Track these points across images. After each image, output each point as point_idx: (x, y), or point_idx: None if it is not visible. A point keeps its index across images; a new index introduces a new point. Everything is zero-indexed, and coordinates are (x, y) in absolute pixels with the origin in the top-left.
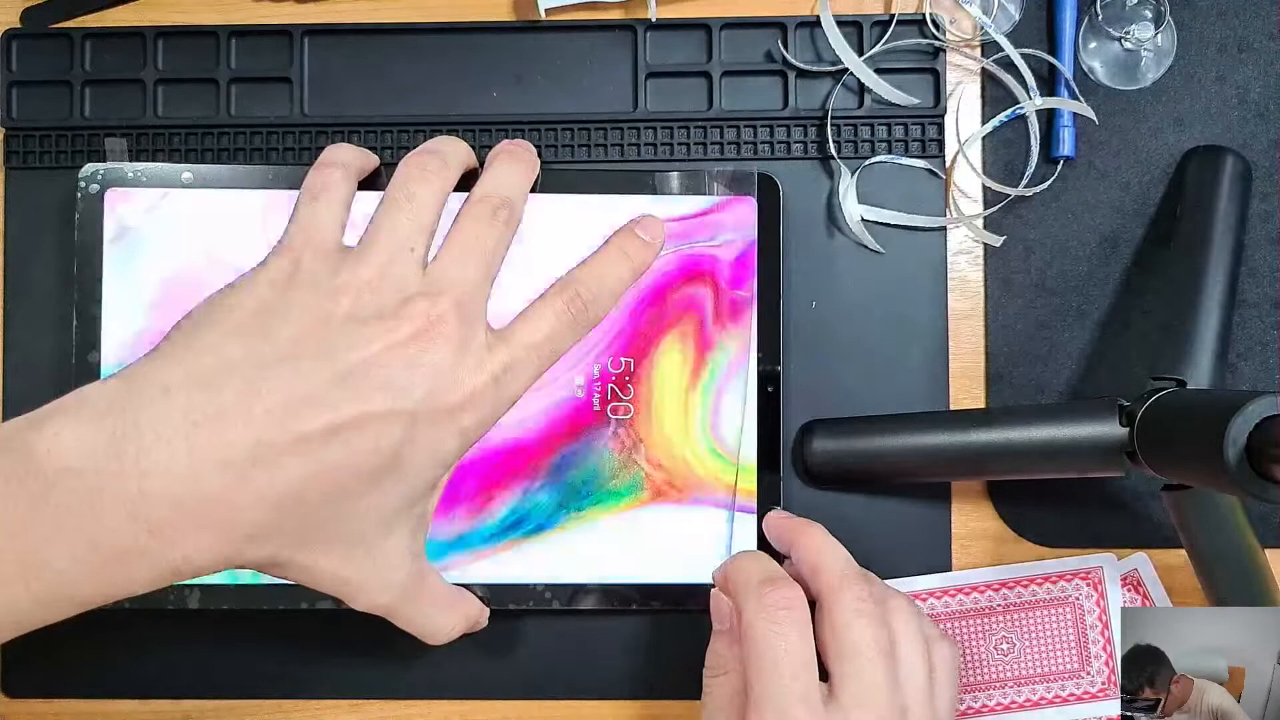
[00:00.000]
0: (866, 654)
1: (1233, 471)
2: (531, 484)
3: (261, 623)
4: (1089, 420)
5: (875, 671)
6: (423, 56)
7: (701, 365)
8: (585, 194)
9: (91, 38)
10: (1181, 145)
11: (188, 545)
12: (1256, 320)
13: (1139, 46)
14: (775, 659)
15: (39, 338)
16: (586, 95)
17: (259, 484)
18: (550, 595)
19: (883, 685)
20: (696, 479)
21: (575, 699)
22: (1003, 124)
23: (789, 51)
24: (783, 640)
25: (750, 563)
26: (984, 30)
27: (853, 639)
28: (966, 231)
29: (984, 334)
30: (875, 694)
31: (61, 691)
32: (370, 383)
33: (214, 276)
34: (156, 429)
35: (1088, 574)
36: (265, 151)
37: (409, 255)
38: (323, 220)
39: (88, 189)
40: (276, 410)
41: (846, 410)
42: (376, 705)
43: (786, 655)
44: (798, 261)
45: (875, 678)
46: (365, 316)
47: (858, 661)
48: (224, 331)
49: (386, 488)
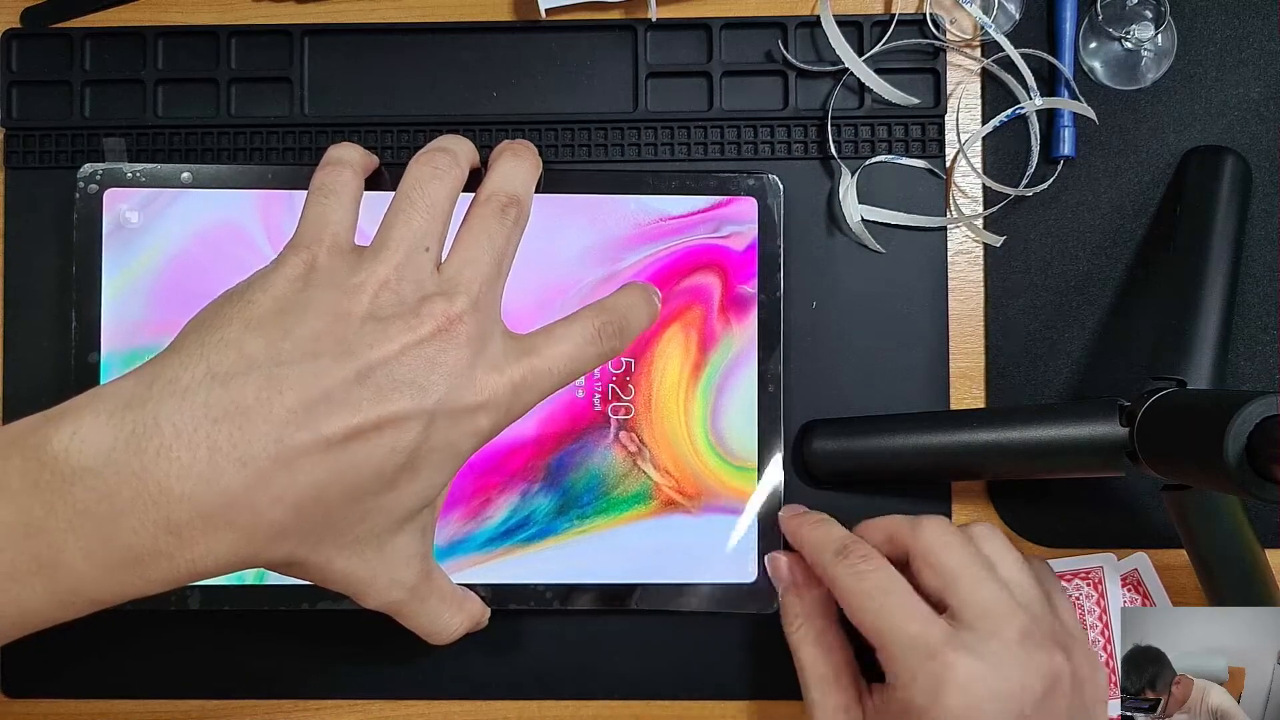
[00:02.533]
0: (972, 571)
1: (1233, 471)
2: (530, 486)
3: (262, 623)
4: (1089, 420)
5: (988, 585)
6: (423, 56)
7: (702, 364)
8: (585, 194)
9: (91, 38)
10: (1181, 145)
11: (207, 545)
12: (1256, 320)
13: (1139, 46)
14: (879, 594)
15: (39, 338)
16: (586, 95)
17: (280, 484)
18: (550, 595)
19: (1001, 596)
20: (706, 487)
21: (575, 699)
22: (1003, 124)
23: (789, 51)
24: (874, 577)
25: (820, 533)
26: (984, 30)
27: (951, 564)
28: (966, 231)
29: (984, 334)
30: (997, 604)
31: (61, 691)
32: (391, 382)
33: (213, 276)
34: (177, 426)
35: (1088, 574)
36: (265, 151)
37: (424, 254)
38: (335, 218)
39: (86, 189)
40: (298, 409)
41: (846, 410)
42: (377, 705)
43: (887, 589)
44: (798, 261)
45: (990, 590)
46: (384, 315)
47: (965, 581)
48: (243, 327)
49: (402, 486)
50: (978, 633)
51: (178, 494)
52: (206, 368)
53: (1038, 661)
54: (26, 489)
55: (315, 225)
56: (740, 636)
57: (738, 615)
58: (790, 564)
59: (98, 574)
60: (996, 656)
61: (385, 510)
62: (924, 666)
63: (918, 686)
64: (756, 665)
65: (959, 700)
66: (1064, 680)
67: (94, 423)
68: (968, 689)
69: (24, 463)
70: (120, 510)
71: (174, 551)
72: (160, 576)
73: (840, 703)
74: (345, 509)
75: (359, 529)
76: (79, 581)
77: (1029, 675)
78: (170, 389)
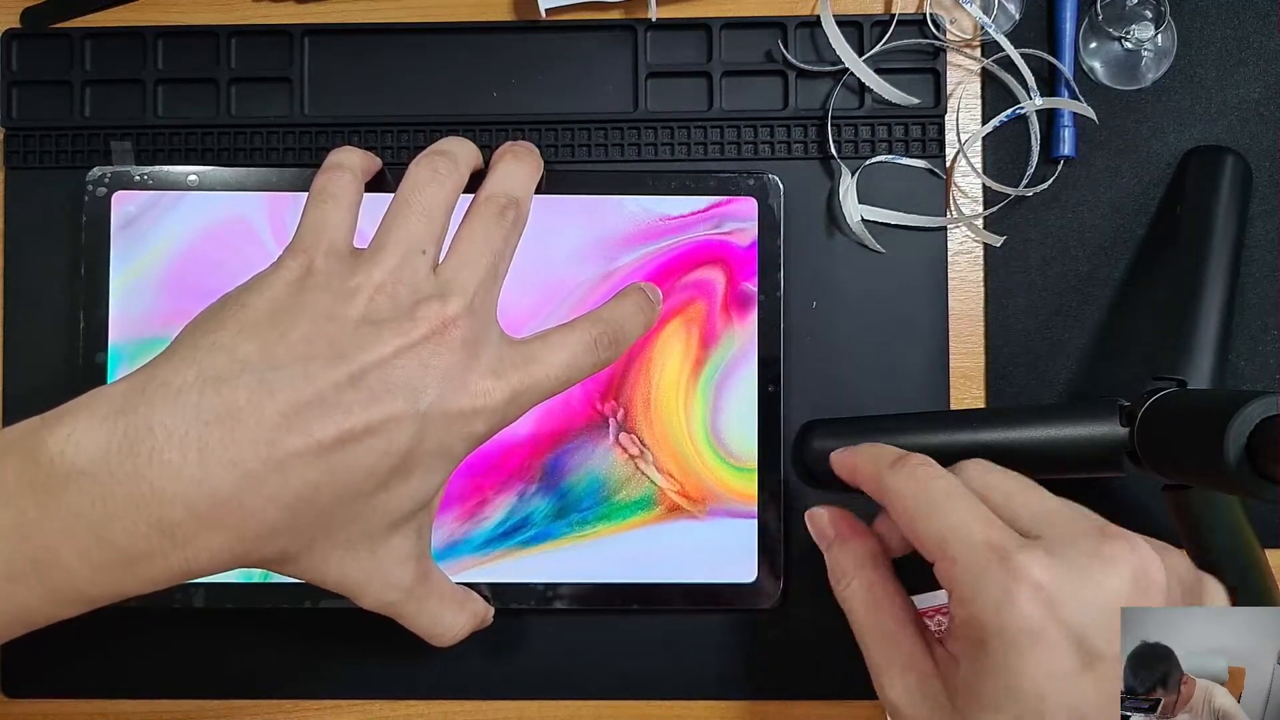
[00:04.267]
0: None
1: (1233, 471)
2: (527, 487)
3: (263, 622)
4: (1089, 420)
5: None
6: (423, 56)
7: (703, 361)
8: (585, 194)
9: (91, 38)
10: (1181, 145)
11: (200, 545)
12: (1256, 320)
13: (1139, 46)
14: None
15: (40, 338)
16: (586, 95)
17: (272, 485)
18: (550, 595)
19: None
20: (710, 490)
21: (575, 699)
22: (1003, 124)
23: (789, 51)
24: (936, 483)
25: (874, 450)
26: (984, 30)
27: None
28: (966, 231)
29: (984, 334)
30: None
31: (61, 691)
32: (383, 385)
33: (220, 278)
34: (169, 429)
35: None
36: (265, 151)
37: (421, 257)
38: (333, 222)
39: (95, 191)
40: (290, 411)
41: (846, 410)
42: (377, 705)
43: (949, 494)
44: (798, 261)
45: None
46: (378, 319)
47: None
48: (236, 331)
49: (395, 488)
50: (1048, 538)
51: (170, 495)
52: (199, 371)
53: (1120, 555)
54: (22, 490)
55: (313, 229)
56: (740, 636)
57: (738, 615)
58: (833, 516)
59: (93, 574)
60: (1073, 555)
61: (379, 512)
62: (991, 573)
63: (987, 599)
64: (756, 665)
65: (1036, 611)
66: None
67: (88, 426)
68: (1046, 596)
69: (20, 465)
70: (114, 512)
71: (168, 551)
72: (155, 576)
73: (906, 657)
74: (338, 510)
75: (352, 530)
76: (75, 581)
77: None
78: (163, 392)
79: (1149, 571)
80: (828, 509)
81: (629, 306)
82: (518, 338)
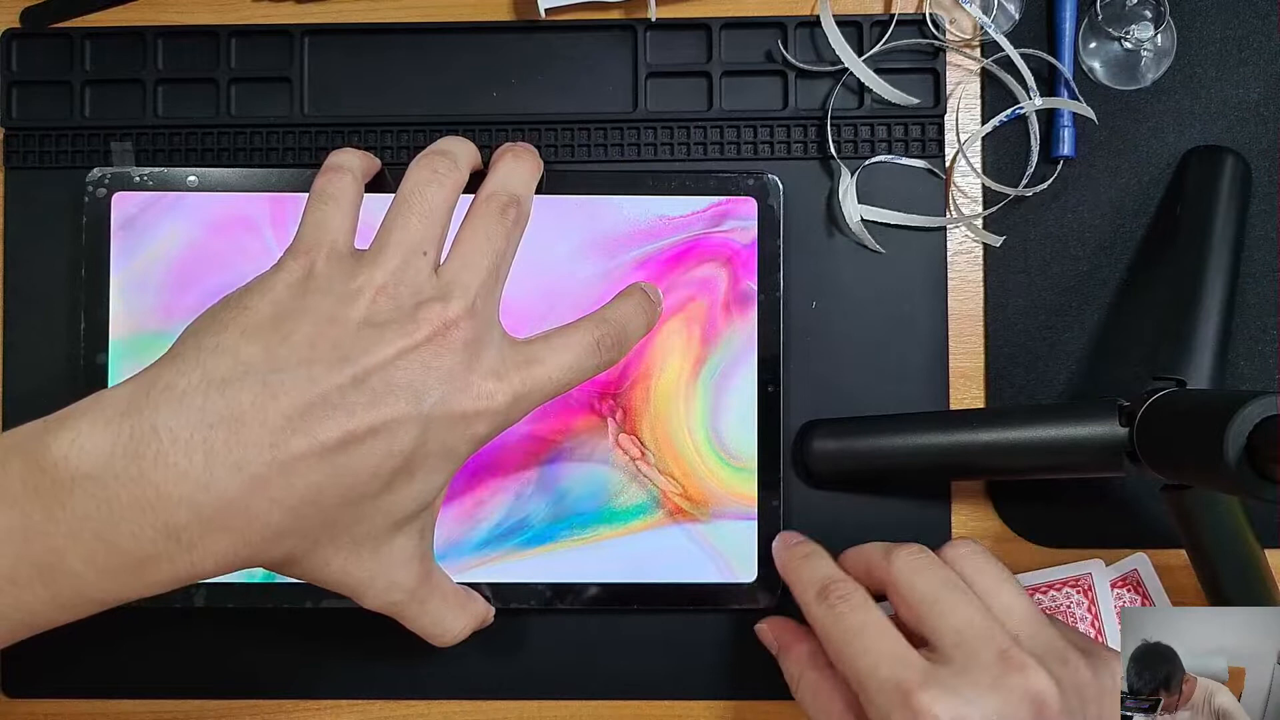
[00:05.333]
0: (944, 597)
1: (1233, 471)
2: (524, 488)
3: (264, 622)
4: (1089, 420)
5: (962, 609)
6: (422, 56)
7: (704, 359)
8: (585, 194)
9: (91, 38)
10: (1181, 145)
11: (206, 548)
12: (1256, 320)
13: (1139, 46)
14: (854, 636)
15: (40, 338)
16: (586, 95)
17: (277, 488)
18: (550, 594)
19: (977, 618)
20: (711, 491)
21: (575, 699)
22: (1003, 124)
23: (789, 51)
24: (850, 618)
25: (805, 573)
26: (984, 30)
27: (922, 592)
28: (966, 231)
29: (984, 334)
30: (971, 627)
31: (61, 691)
32: (386, 386)
33: (220, 278)
34: (173, 432)
35: (1077, 581)
36: (265, 151)
37: (422, 259)
38: (334, 224)
39: (95, 192)
40: (293, 414)
41: (846, 410)
42: (377, 705)
43: (861, 630)
44: (798, 261)
45: (963, 614)
46: (380, 321)
47: (937, 608)
48: (239, 333)
49: (398, 489)
50: (953, 665)
51: (175, 498)
52: (203, 374)
53: (1017, 685)
54: (27, 494)
55: (314, 231)
56: (740, 636)
57: (738, 615)
58: (774, 629)
59: (98, 577)
60: (973, 688)
61: (382, 512)
62: (898, 713)
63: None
64: (756, 665)
65: None
66: (1050, 700)
67: (93, 429)
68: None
69: (24, 469)
70: (119, 515)
71: (173, 554)
72: (160, 579)
73: None
74: (341, 511)
75: (356, 531)
76: (80, 585)
77: (1009, 703)
78: (167, 395)
79: (1044, 699)
80: (770, 621)
81: (631, 307)
82: (519, 338)
